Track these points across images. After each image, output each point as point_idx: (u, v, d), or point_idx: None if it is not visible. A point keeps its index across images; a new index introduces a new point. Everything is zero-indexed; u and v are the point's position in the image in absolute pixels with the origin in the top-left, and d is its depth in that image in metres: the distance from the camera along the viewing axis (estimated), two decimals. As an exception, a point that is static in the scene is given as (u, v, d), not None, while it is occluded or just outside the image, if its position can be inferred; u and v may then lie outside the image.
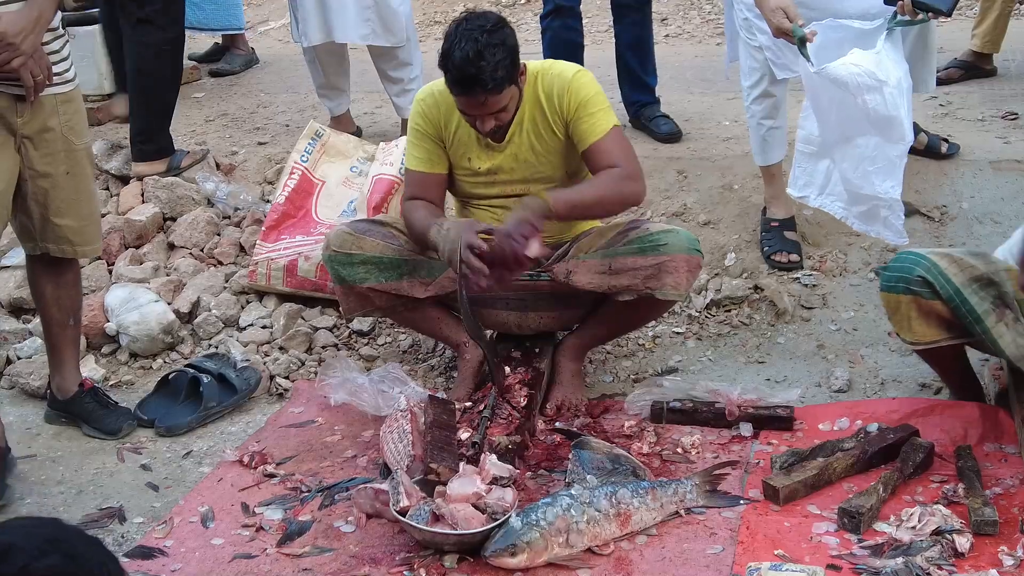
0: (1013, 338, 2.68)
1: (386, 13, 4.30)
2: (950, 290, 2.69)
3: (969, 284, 2.69)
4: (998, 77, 4.84)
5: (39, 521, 1.30)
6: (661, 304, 3.11)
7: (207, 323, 3.72)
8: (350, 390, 3.17)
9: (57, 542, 1.25)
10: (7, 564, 1.19)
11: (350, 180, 4.01)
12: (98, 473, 3.07)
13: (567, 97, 2.98)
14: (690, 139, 4.41)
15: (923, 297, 2.73)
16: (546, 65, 3.09)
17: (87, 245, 3.13)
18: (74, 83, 2.99)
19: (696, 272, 3.07)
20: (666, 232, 3.02)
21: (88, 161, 3.08)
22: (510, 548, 2.38)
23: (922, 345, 2.81)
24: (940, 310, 2.73)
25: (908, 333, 2.81)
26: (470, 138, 3.06)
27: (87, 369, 3.51)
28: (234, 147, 4.69)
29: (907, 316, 2.78)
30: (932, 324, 2.76)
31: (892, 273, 2.82)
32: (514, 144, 3.04)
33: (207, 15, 5.72)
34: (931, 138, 4.01)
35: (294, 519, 2.69)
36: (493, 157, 3.07)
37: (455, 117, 3.04)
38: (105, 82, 5.10)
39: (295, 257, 3.75)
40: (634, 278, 2.99)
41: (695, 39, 6.19)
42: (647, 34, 4.47)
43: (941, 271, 2.71)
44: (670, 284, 2.98)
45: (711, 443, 2.94)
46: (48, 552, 1.22)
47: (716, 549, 2.46)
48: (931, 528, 2.39)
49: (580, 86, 3.00)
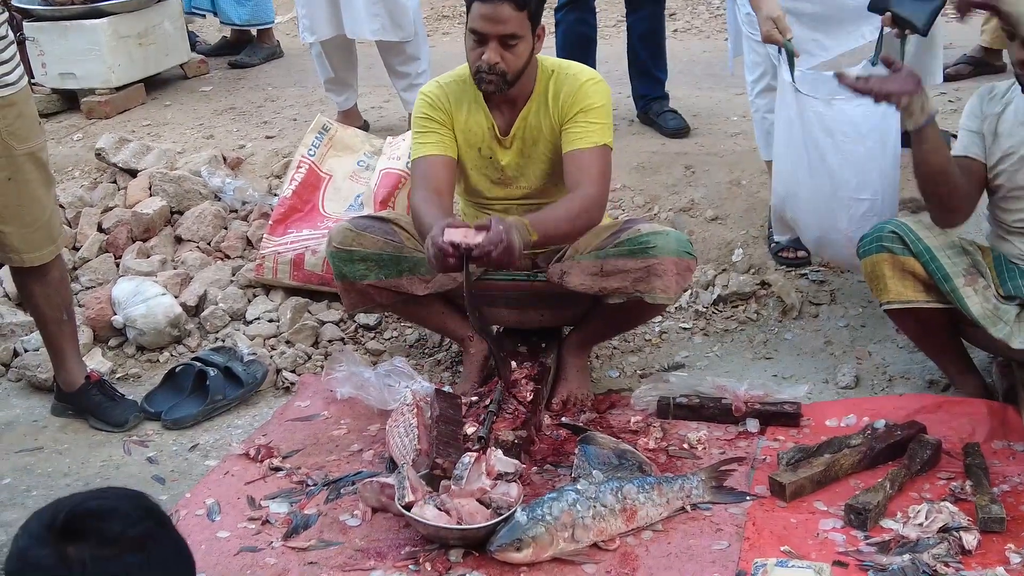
0: (980, 301, 2.76)
1: (395, 8, 4.30)
2: (920, 247, 2.81)
3: (942, 248, 2.81)
4: (1007, 73, 4.82)
5: (132, 492, 1.40)
6: (651, 307, 3.06)
7: (214, 316, 3.73)
8: (356, 384, 3.17)
9: (152, 511, 1.34)
10: (108, 525, 1.27)
11: (357, 174, 4.01)
12: (104, 466, 3.07)
13: (572, 98, 2.96)
14: (698, 134, 4.40)
15: (895, 253, 2.83)
16: (564, 64, 3.07)
17: (32, 252, 3.03)
18: (17, 86, 2.89)
19: (687, 275, 3.02)
20: (656, 234, 2.96)
21: (35, 166, 2.97)
22: (515, 543, 2.37)
23: (898, 304, 2.86)
24: (914, 267, 2.82)
25: (884, 293, 2.87)
26: (482, 127, 3.04)
27: (94, 362, 3.51)
28: (241, 141, 4.69)
29: (882, 275, 2.86)
30: (907, 283, 2.84)
31: (867, 237, 2.92)
32: (520, 139, 3.03)
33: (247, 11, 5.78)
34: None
35: (300, 512, 2.69)
36: (504, 153, 3.06)
37: (464, 108, 3.03)
38: (112, 75, 5.10)
39: (302, 251, 3.75)
40: (624, 280, 2.95)
41: (703, 34, 6.17)
42: (660, 27, 4.46)
43: (912, 229, 2.84)
44: (659, 287, 2.93)
45: (717, 439, 2.93)
46: (144, 518, 1.31)
47: (722, 545, 2.46)
48: (938, 525, 2.38)
49: (589, 92, 2.97)
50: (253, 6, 5.80)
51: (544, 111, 3.00)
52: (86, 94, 5.14)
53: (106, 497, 1.33)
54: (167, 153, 4.49)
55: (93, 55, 5.04)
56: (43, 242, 3.05)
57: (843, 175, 3.14)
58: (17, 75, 2.91)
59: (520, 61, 2.90)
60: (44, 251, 3.07)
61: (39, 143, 3.01)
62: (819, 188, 3.20)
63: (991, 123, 2.85)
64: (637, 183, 4.10)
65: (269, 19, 5.94)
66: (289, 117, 4.98)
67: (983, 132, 2.86)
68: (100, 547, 1.24)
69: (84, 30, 5.02)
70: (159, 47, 5.37)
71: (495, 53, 2.86)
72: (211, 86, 5.54)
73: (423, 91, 3.13)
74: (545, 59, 3.04)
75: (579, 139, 2.94)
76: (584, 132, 2.94)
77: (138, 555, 1.26)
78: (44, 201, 3.03)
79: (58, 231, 3.13)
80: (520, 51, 2.88)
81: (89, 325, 3.68)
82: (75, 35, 5.03)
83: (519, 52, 2.88)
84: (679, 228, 3.86)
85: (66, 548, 1.24)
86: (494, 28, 2.84)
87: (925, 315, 2.88)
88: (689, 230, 3.86)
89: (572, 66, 3.07)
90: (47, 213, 3.05)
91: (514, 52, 2.87)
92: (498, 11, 2.81)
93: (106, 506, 1.30)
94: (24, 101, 2.94)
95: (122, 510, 1.30)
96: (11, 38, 2.90)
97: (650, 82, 4.48)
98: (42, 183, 3.02)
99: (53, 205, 3.09)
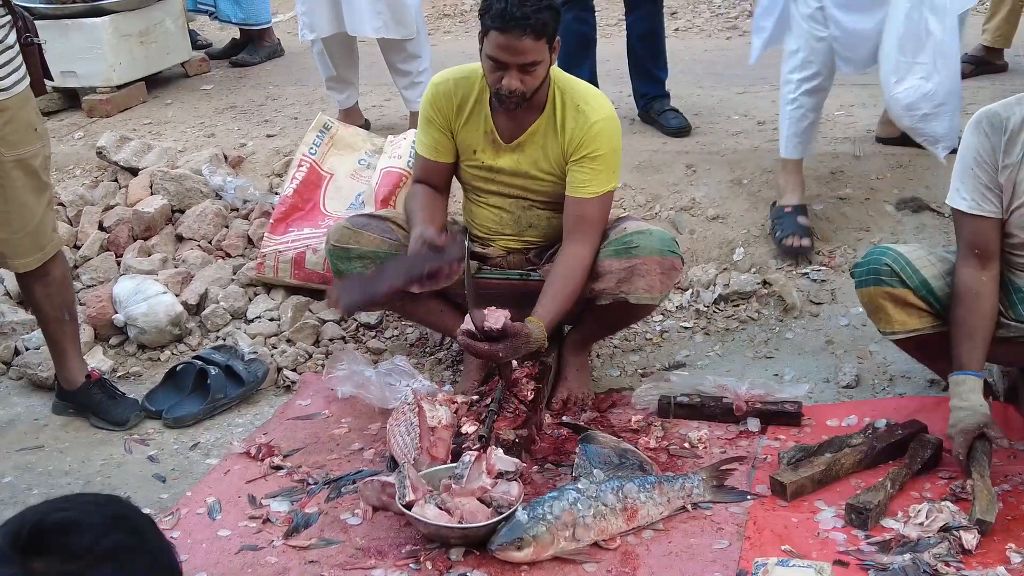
0: None
1: (397, 6, 4.30)
2: (916, 280, 2.73)
3: (940, 277, 2.73)
4: (1009, 72, 4.82)
5: (103, 498, 1.31)
6: (637, 308, 3.03)
7: (215, 315, 3.73)
8: (357, 383, 3.17)
9: (123, 519, 1.26)
10: (75, 539, 1.20)
11: (358, 173, 4.01)
12: (105, 464, 3.07)
13: (581, 140, 2.92)
14: (699, 133, 4.40)
15: (892, 287, 2.75)
16: (572, 86, 2.99)
17: (18, 259, 3.01)
18: (10, 92, 2.85)
19: (672, 274, 2.99)
20: (639, 233, 2.95)
21: (23, 172, 2.92)
22: (516, 541, 2.37)
23: (903, 334, 2.81)
24: (912, 300, 2.75)
25: (888, 324, 2.81)
26: (479, 131, 3.04)
27: (95, 360, 3.51)
28: (242, 139, 4.69)
29: (882, 307, 2.80)
30: (910, 313, 2.77)
31: (862, 268, 2.85)
32: (522, 150, 3.00)
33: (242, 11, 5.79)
34: None
35: (301, 511, 2.69)
36: (498, 156, 3.04)
37: (468, 106, 3.01)
38: (113, 74, 5.10)
39: (303, 250, 3.74)
40: (609, 281, 2.94)
41: (704, 33, 6.17)
42: (659, 27, 4.45)
43: (908, 261, 2.75)
44: (642, 287, 2.92)
45: (718, 438, 2.93)
46: (114, 528, 1.23)
47: (723, 544, 2.46)
48: (939, 524, 2.38)
49: (598, 136, 2.91)
50: (248, 6, 5.80)
51: (552, 134, 2.96)
52: (87, 92, 5.13)
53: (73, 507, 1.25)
54: (168, 152, 4.48)
55: (94, 53, 5.04)
56: (29, 249, 3.01)
57: None
58: (12, 81, 2.85)
59: (539, 80, 2.87)
60: (29, 258, 3.03)
61: (30, 151, 2.94)
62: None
63: (1012, 174, 2.58)
64: (638, 182, 4.09)
65: (264, 20, 5.94)
66: (290, 116, 4.97)
67: (999, 184, 2.61)
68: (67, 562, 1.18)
69: (85, 28, 5.02)
70: (160, 46, 5.37)
71: (515, 80, 2.82)
72: (212, 85, 5.53)
73: (434, 81, 3.11)
74: (554, 73, 2.97)
75: (583, 186, 2.92)
76: (589, 179, 2.91)
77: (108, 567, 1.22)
78: (33, 208, 2.98)
79: (47, 239, 3.05)
80: (539, 73, 2.85)
81: (90, 323, 3.68)
82: (76, 33, 5.02)
83: (538, 74, 2.85)
84: (680, 227, 3.87)
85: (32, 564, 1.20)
86: (514, 58, 2.79)
87: (927, 339, 2.82)
88: (690, 229, 3.86)
89: (580, 93, 2.98)
90: (35, 220, 3.00)
91: (534, 75, 2.84)
92: (519, 43, 2.76)
93: (72, 518, 1.22)
94: (18, 107, 2.89)
95: (89, 521, 1.22)
96: (9, 42, 2.85)
97: (650, 81, 4.48)
98: (32, 190, 2.97)
99: (44, 212, 3.02)
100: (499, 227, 3.15)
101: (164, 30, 5.37)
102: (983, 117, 2.61)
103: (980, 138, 2.60)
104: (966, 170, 2.64)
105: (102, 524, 1.23)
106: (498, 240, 3.17)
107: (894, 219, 3.79)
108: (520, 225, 3.13)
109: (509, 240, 3.16)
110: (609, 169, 2.93)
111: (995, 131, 2.58)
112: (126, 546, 1.22)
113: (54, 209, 3.11)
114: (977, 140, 2.61)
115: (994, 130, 2.58)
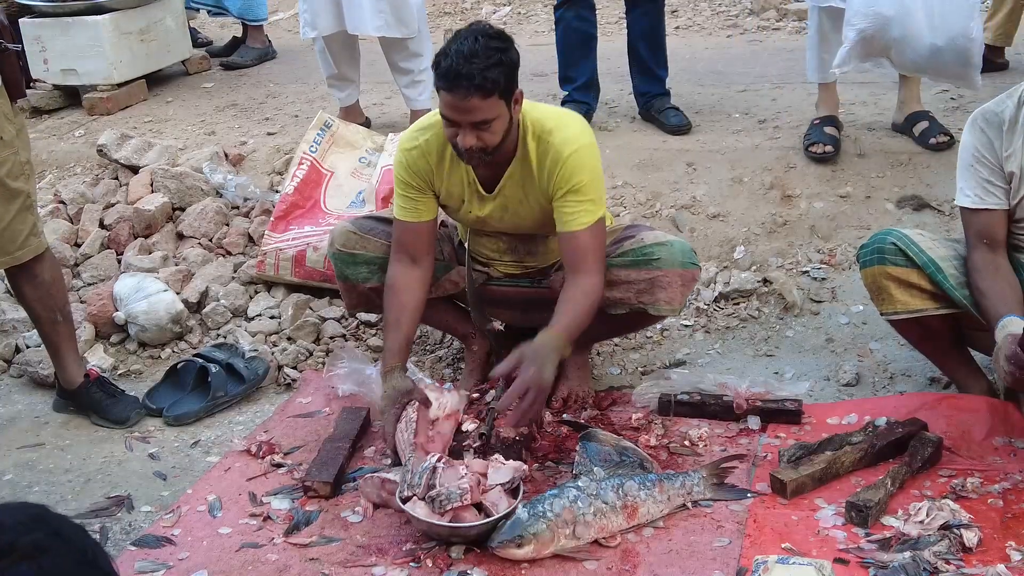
0: None
1: (398, 4, 4.30)
2: (925, 259, 2.74)
3: (947, 259, 2.74)
4: (1010, 71, 4.81)
5: (26, 504, 1.33)
6: (654, 317, 3.06)
7: (215, 313, 3.73)
8: (358, 380, 3.18)
9: (42, 520, 1.27)
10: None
11: (359, 171, 4.01)
12: (106, 462, 3.08)
13: (559, 176, 2.76)
14: (700, 131, 4.39)
15: (898, 265, 2.76)
16: (541, 121, 2.81)
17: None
18: None
19: (691, 285, 3.01)
20: (660, 245, 2.93)
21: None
22: (517, 539, 2.38)
23: (905, 314, 2.81)
24: (917, 280, 2.76)
25: (890, 304, 2.82)
26: (462, 182, 2.90)
27: (96, 358, 3.52)
28: (243, 137, 4.69)
29: (885, 288, 2.81)
30: (913, 294, 2.78)
31: (867, 248, 2.87)
32: (503, 195, 2.88)
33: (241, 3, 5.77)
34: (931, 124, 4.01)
35: (301, 509, 2.69)
36: (483, 206, 2.92)
37: (447, 158, 2.85)
38: (114, 71, 5.11)
39: (303, 247, 3.75)
40: (627, 291, 2.93)
41: (705, 31, 6.17)
42: (659, 25, 4.45)
43: (914, 241, 2.77)
44: (663, 299, 2.92)
45: (719, 436, 2.93)
46: (33, 529, 1.25)
47: (723, 542, 2.46)
48: (939, 522, 2.38)
49: (574, 168, 2.75)
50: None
51: (529, 176, 2.83)
52: (88, 90, 5.14)
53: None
54: (169, 149, 4.49)
55: (95, 51, 5.04)
56: (4, 248, 2.98)
57: None
58: None
59: (498, 136, 2.69)
60: (4, 258, 3.00)
61: (12, 152, 2.91)
62: None
63: (1018, 160, 2.63)
64: (639, 180, 4.10)
65: (261, 16, 5.92)
66: (291, 113, 4.97)
67: (1005, 174, 2.65)
68: None
69: (86, 26, 5.02)
70: (161, 43, 5.37)
71: (471, 137, 2.65)
72: (213, 82, 5.54)
73: (403, 146, 2.92)
74: (525, 111, 2.80)
75: (572, 220, 2.78)
76: (576, 213, 2.78)
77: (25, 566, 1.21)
78: (8, 206, 2.95)
79: (16, 244, 3.00)
80: (496, 128, 2.67)
81: (91, 321, 3.68)
82: (77, 31, 5.03)
83: (495, 130, 2.67)
84: (680, 225, 3.87)
85: None
86: (464, 117, 2.63)
87: (929, 322, 2.84)
88: (690, 227, 3.86)
89: (547, 126, 2.80)
90: (15, 219, 2.96)
91: (490, 131, 2.66)
92: (466, 103, 2.60)
93: None
94: None
95: (9, 522, 1.24)
96: None
97: (651, 79, 4.47)
98: (10, 191, 2.94)
99: (12, 219, 2.97)
100: (498, 255, 3.12)
101: (165, 28, 5.37)
102: (978, 115, 2.74)
103: (977, 135, 2.71)
104: (967, 168, 2.74)
105: (23, 524, 1.24)
106: (498, 265, 3.15)
107: (895, 217, 3.79)
108: (518, 253, 3.10)
109: (509, 267, 3.14)
110: (590, 199, 2.79)
111: (991, 126, 2.70)
112: (47, 546, 1.23)
113: (34, 213, 3.05)
114: (975, 138, 2.72)
115: (990, 125, 2.70)
